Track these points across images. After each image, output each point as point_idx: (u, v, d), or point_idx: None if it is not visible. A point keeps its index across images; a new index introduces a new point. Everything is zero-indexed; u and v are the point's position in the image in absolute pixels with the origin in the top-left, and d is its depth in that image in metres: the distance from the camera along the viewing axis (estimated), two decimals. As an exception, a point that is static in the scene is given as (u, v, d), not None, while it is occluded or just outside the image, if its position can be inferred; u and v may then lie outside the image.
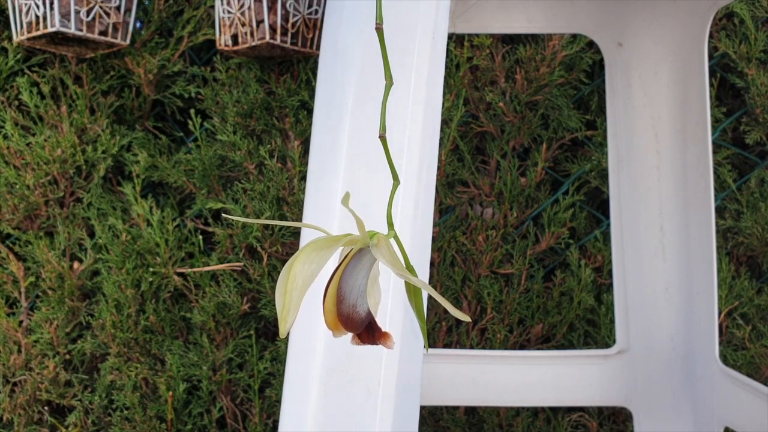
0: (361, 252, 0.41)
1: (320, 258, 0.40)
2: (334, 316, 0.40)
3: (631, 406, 1.20)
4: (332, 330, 0.40)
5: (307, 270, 0.40)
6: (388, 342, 0.40)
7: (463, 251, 1.37)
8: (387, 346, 0.40)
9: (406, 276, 0.38)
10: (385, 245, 0.40)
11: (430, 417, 1.41)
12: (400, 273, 0.38)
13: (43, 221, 1.36)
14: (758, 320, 1.37)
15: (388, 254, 0.40)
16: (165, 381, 1.33)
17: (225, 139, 1.32)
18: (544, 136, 1.38)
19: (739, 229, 1.37)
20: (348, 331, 0.41)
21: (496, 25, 1.16)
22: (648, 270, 1.16)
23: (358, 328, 0.40)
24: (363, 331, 0.41)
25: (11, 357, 1.35)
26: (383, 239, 0.40)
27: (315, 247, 0.40)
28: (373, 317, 0.41)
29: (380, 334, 0.41)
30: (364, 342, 0.41)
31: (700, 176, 1.11)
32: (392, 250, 0.40)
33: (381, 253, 0.40)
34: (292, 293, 0.39)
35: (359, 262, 0.41)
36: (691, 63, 1.09)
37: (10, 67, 1.33)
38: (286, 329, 0.39)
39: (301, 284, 0.39)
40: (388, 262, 0.39)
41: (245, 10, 1.18)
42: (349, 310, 0.40)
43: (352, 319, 0.40)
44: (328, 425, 0.59)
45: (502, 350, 1.34)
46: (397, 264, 0.39)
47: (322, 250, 0.40)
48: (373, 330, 0.41)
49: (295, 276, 0.39)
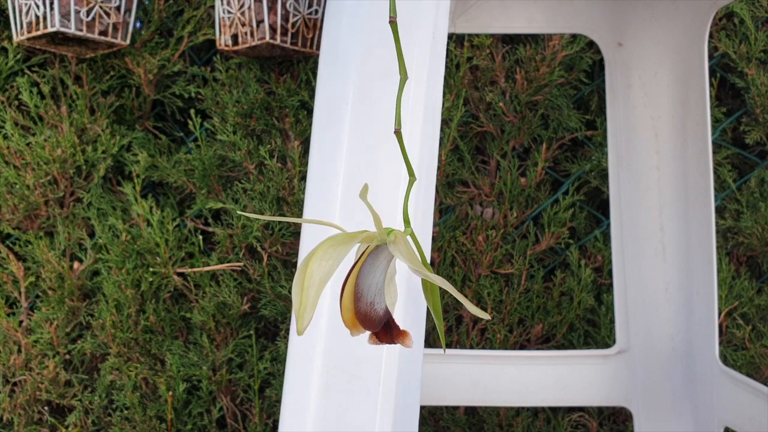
0: (378, 249, 0.40)
1: (337, 254, 0.39)
2: (352, 314, 0.39)
3: (631, 406, 1.20)
4: (350, 328, 0.40)
5: (324, 266, 0.39)
6: (407, 341, 0.39)
7: (463, 251, 1.37)
8: (405, 345, 0.40)
9: (424, 273, 0.38)
10: (402, 242, 0.39)
11: (430, 417, 1.41)
12: (418, 270, 0.38)
13: (43, 221, 1.36)
14: (758, 320, 1.37)
15: (406, 251, 0.39)
16: (165, 381, 1.33)
17: (225, 139, 1.32)
18: (544, 136, 1.38)
19: (739, 229, 1.37)
20: (366, 329, 0.40)
21: (496, 25, 1.16)
22: (648, 270, 1.16)
23: (376, 327, 0.39)
24: (381, 330, 0.40)
25: (11, 357, 1.35)
26: (401, 236, 0.40)
27: (332, 243, 0.39)
28: (391, 315, 0.40)
29: (398, 333, 0.40)
30: (382, 341, 0.40)
31: (700, 176, 1.11)
32: (410, 247, 0.39)
33: (399, 250, 0.39)
34: (309, 290, 0.38)
35: (376, 259, 0.40)
36: (691, 63, 1.09)
37: (10, 67, 1.33)
38: (303, 327, 0.38)
39: (318, 281, 0.39)
40: (406, 259, 0.38)
41: (245, 10, 1.18)
42: (366, 307, 0.39)
43: (369, 317, 0.39)
44: (328, 425, 0.59)
45: (502, 350, 1.34)
46: (415, 261, 0.39)
47: (339, 246, 0.39)
48: (391, 328, 0.40)
49: (311, 273, 0.39)
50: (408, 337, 0.39)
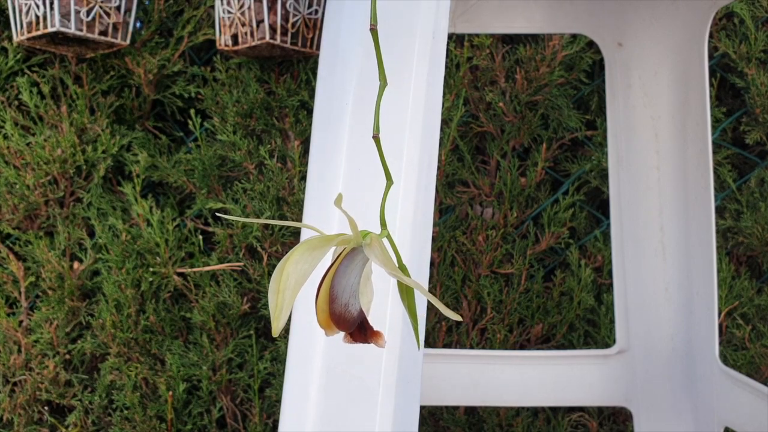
0: (353, 251, 0.41)
1: (313, 258, 0.40)
2: (327, 315, 0.40)
3: (631, 406, 1.20)
4: (324, 329, 0.41)
5: (300, 269, 0.40)
6: (380, 341, 0.41)
7: (463, 251, 1.37)
8: (378, 345, 0.41)
9: (398, 275, 0.39)
10: (377, 245, 0.40)
11: (430, 417, 1.41)
12: (392, 272, 0.39)
13: (43, 221, 1.36)
14: (758, 320, 1.37)
15: (381, 254, 0.40)
16: (165, 381, 1.33)
17: (225, 139, 1.32)
18: (544, 136, 1.38)
19: (739, 229, 1.37)
20: (340, 330, 0.41)
21: (496, 25, 1.16)
22: (648, 270, 1.16)
23: (350, 327, 0.41)
24: (355, 330, 0.41)
25: (11, 357, 1.35)
26: (376, 239, 0.41)
27: (308, 246, 0.40)
28: (365, 316, 0.41)
29: (372, 333, 0.41)
30: (356, 341, 0.41)
31: (700, 176, 1.11)
32: (384, 250, 0.40)
33: (373, 253, 0.40)
34: (284, 293, 0.39)
35: (352, 262, 0.41)
36: (691, 63, 1.09)
37: (10, 67, 1.33)
38: (278, 328, 0.39)
39: (293, 284, 0.40)
40: (380, 262, 0.39)
41: (245, 10, 1.18)
42: (341, 309, 0.40)
43: (344, 318, 0.40)
44: (328, 425, 0.59)
45: (502, 350, 1.34)
46: (389, 263, 0.40)
47: (315, 250, 0.40)
48: (365, 329, 0.41)
49: (287, 275, 0.40)
50: (381, 337, 0.41)
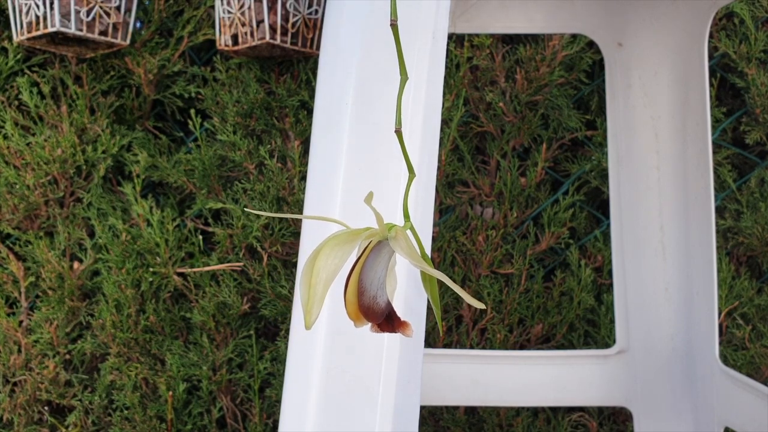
0: (380, 244, 0.42)
1: (343, 252, 0.41)
2: (356, 308, 0.42)
3: (631, 406, 1.20)
4: (353, 320, 0.42)
5: (330, 264, 0.41)
6: (407, 330, 0.42)
7: (463, 251, 1.37)
8: (406, 334, 0.42)
9: (423, 266, 0.40)
10: (403, 237, 0.41)
11: (430, 417, 1.41)
12: (417, 264, 0.40)
13: (43, 221, 1.36)
14: (758, 320, 1.37)
15: (406, 246, 0.41)
16: (165, 381, 1.33)
17: (225, 139, 1.32)
18: (544, 136, 1.38)
19: (739, 229, 1.37)
20: (369, 321, 0.42)
21: (497, 25, 1.16)
22: (648, 270, 1.16)
23: (378, 319, 0.42)
24: (383, 321, 0.42)
25: (11, 357, 1.35)
26: (401, 232, 0.42)
27: (337, 241, 0.41)
28: (392, 307, 0.42)
29: (399, 323, 0.42)
30: (384, 330, 0.42)
31: (700, 176, 1.11)
32: (410, 242, 0.41)
33: (399, 245, 0.41)
34: (316, 287, 0.41)
35: (378, 255, 0.42)
36: (691, 63, 1.09)
37: (10, 67, 1.33)
38: (311, 321, 0.41)
39: (325, 278, 0.41)
40: (406, 254, 0.40)
41: (245, 10, 1.18)
42: (369, 301, 0.42)
43: (372, 310, 0.42)
44: (328, 425, 0.59)
45: (502, 350, 1.34)
46: (414, 255, 0.41)
47: (344, 245, 0.41)
48: (392, 319, 0.42)
49: (318, 270, 0.41)
50: (408, 327, 0.42)
